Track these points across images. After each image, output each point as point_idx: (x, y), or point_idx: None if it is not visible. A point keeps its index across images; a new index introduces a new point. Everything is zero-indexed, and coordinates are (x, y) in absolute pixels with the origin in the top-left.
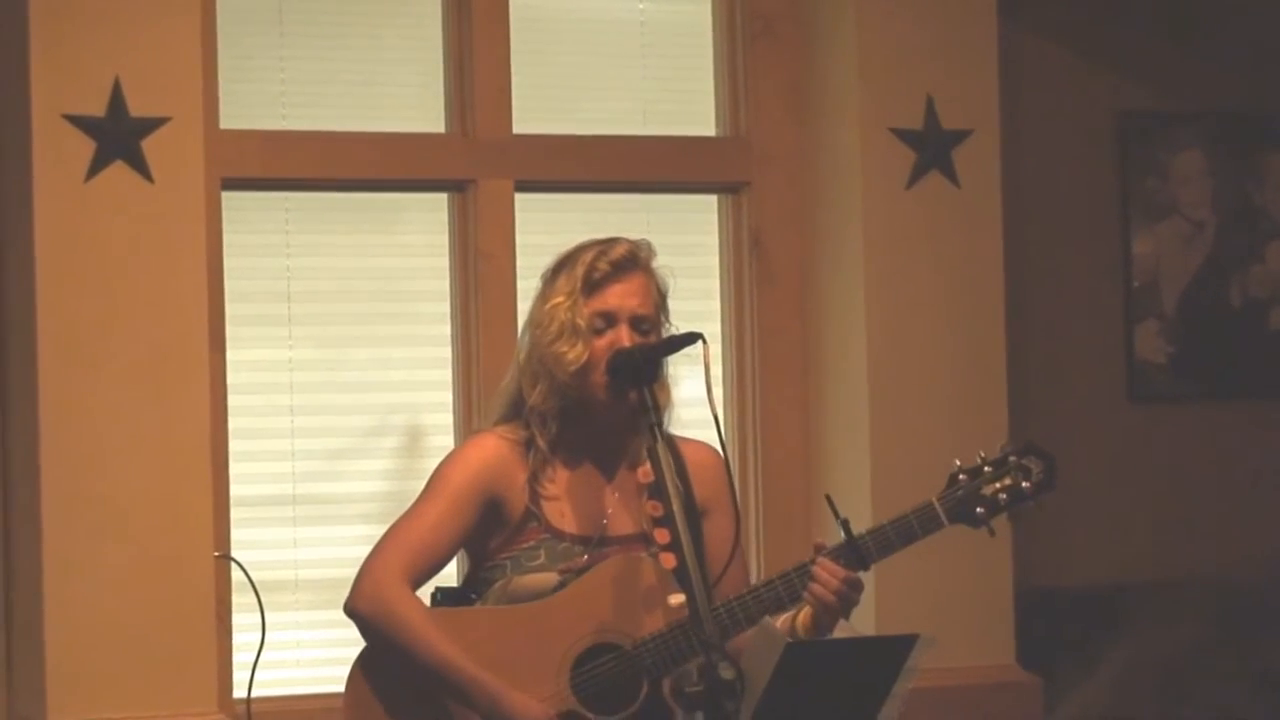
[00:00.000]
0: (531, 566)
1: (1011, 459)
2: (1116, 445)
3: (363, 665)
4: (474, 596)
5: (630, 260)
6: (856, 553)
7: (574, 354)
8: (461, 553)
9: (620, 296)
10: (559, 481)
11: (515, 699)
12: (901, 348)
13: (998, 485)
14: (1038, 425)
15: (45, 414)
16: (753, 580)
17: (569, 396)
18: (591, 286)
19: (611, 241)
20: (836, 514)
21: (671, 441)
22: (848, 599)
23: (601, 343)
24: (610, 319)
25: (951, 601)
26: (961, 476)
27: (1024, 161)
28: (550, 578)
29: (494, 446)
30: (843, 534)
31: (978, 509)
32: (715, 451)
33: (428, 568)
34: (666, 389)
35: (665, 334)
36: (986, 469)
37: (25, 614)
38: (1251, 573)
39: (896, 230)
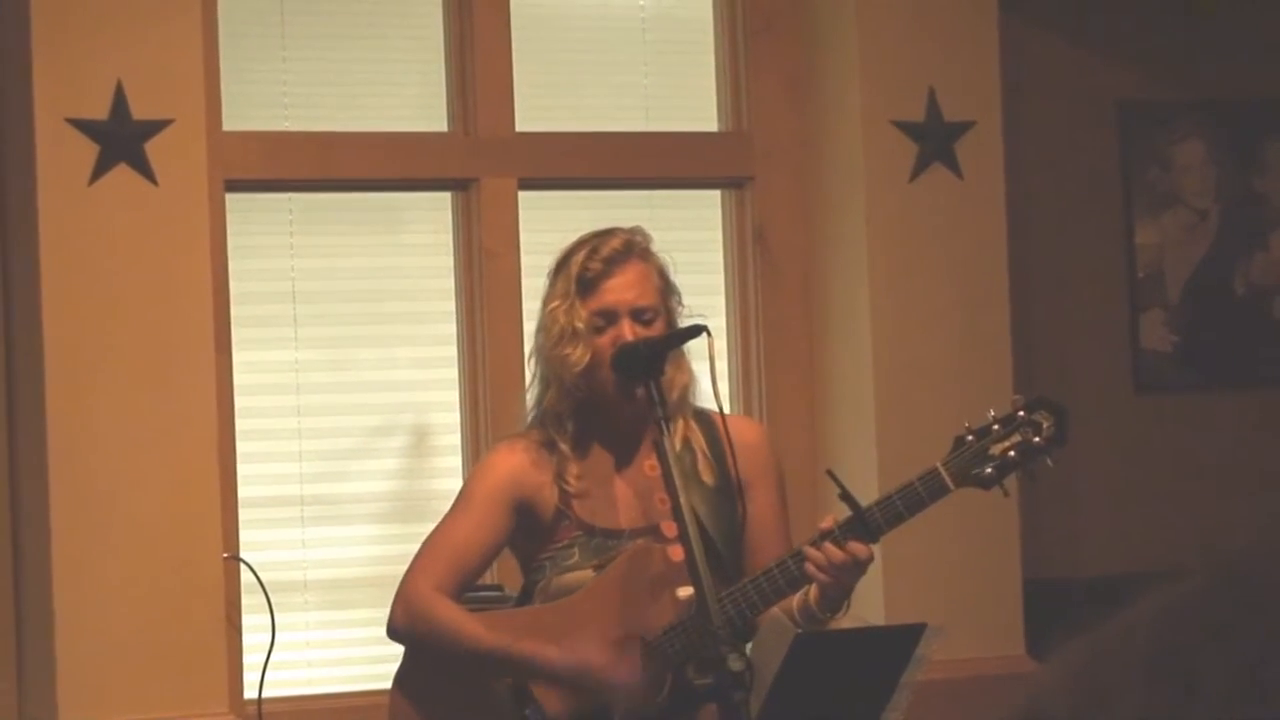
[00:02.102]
0: (568, 565)
1: (1020, 415)
2: (1123, 435)
3: (399, 684)
4: (527, 602)
5: (623, 252)
6: (864, 525)
7: (576, 356)
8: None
9: (616, 292)
10: (585, 478)
11: (550, 652)
12: (906, 340)
13: (1007, 443)
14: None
15: (52, 417)
16: None
17: (580, 396)
18: (586, 286)
19: (603, 235)
20: (840, 487)
21: (712, 419)
22: (844, 573)
23: (604, 340)
24: (610, 316)
25: (961, 592)
26: (969, 438)
27: (1026, 153)
28: (586, 575)
29: (517, 451)
30: (848, 508)
31: (987, 469)
32: (757, 426)
33: (460, 578)
34: (686, 371)
35: (677, 317)
36: (995, 428)
37: (35, 616)
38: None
39: (900, 223)
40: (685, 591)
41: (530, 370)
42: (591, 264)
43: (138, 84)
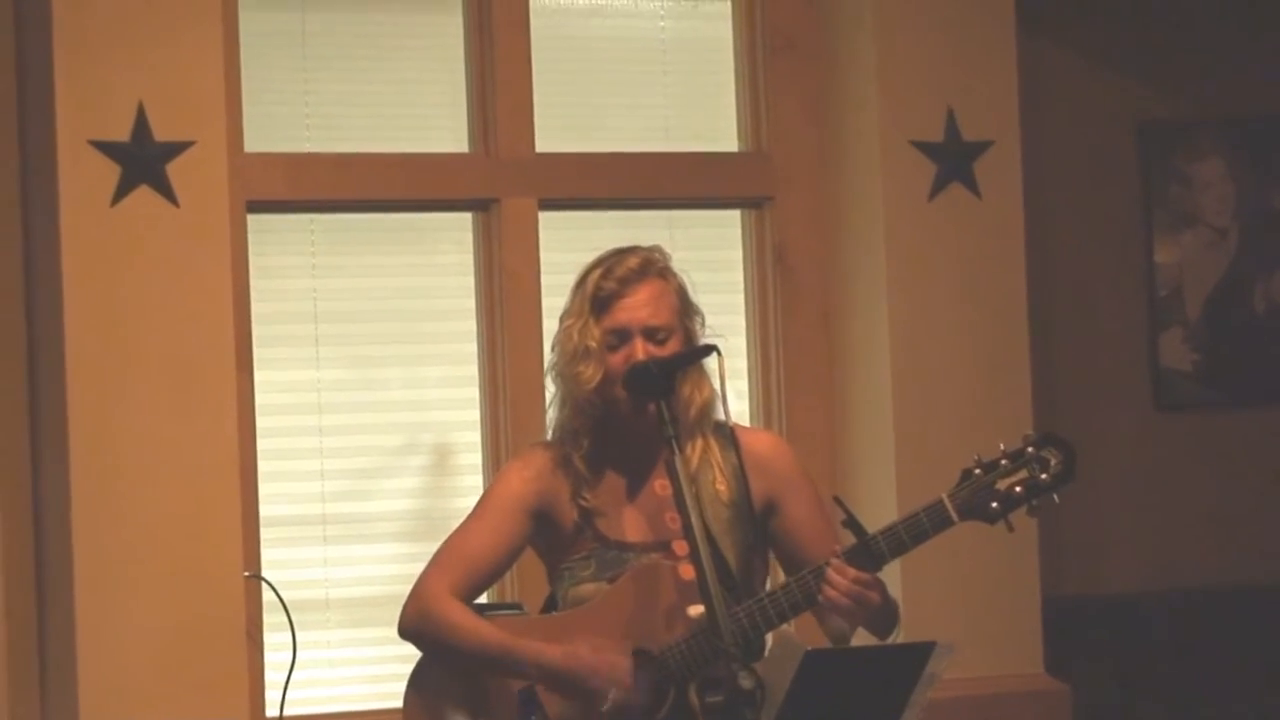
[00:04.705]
0: (584, 576)
1: (1029, 451)
2: (1143, 453)
3: (414, 683)
4: (552, 610)
5: (639, 271)
6: (869, 553)
7: (589, 374)
8: None
9: (629, 311)
10: (602, 492)
11: (549, 651)
12: (925, 359)
13: (1014, 479)
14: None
15: (74, 437)
16: None
17: (595, 413)
18: (600, 305)
19: (619, 255)
20: (847, 514)
21: (733, 435)
22: (860, 599)
23: (617, 359)
24: (623, 334)
25: (979, 610)
26: (977, 471)
27: (1045, 172)
28: (599, 587)
29: (537, 461)
30: (855, 536)
31: (992, 504)
32: (776, 439)
33: (473, 582)
34: (707, 389)
35: (697, 337)
36: (1003, 462)
37: (58, 636)
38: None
39: (919, 242)
40: (696, 610)
41: (549, 388)
42: (606, 283)
43: (159, 106)
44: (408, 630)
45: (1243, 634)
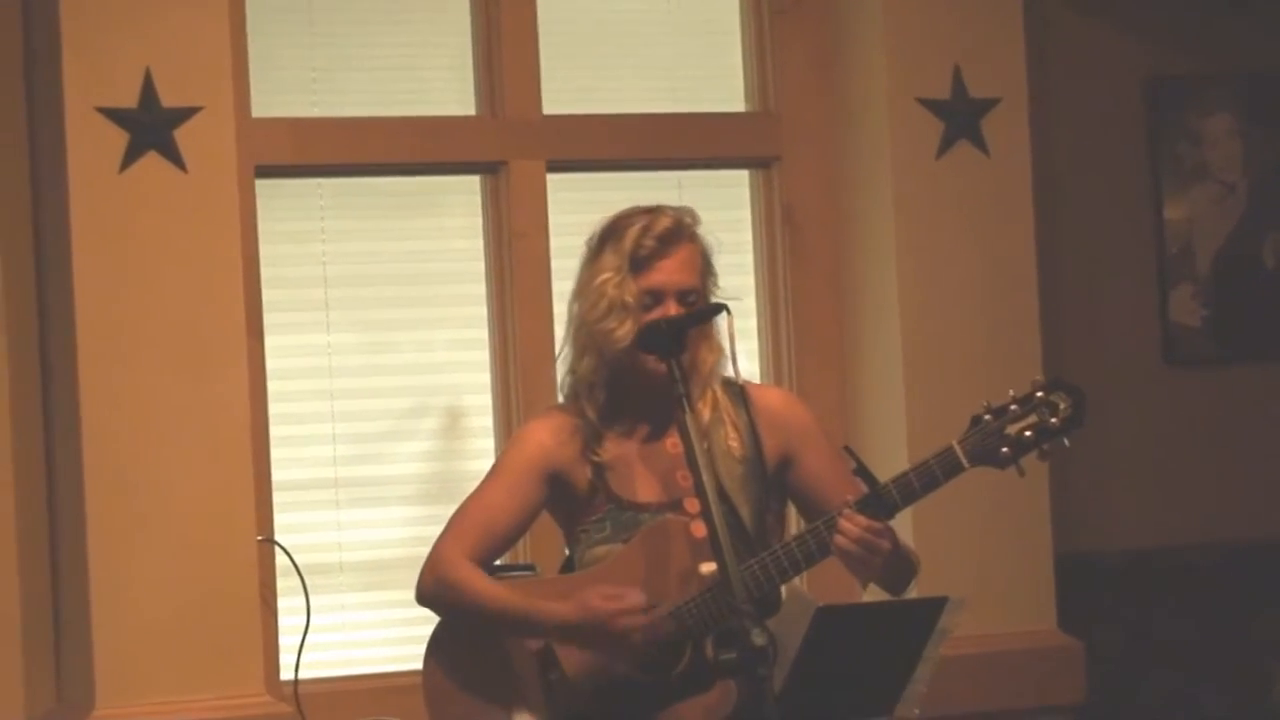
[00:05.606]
0: (599, 538)
1: (1038, 395)
2: (1153, 409)
3: (433, 648)
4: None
5: (676, 232)
6: (880, 501)
7: (622, 330)
8: None
9: (667, 273)
10: (616, 450)
11: (562, 607)
12: (935, 317)
13: (1024, 424)
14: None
15: (86, 404)
16: None
17: (618, 369)
18: (638, 263)
19: (656, 213)
20: (858, 463)
21: (743, 391)
22: (872, 546)
23: (649, 319)
24: (658, 295)
25: (991, 567)
26: (987, 417)
27: (1053, 129)
28: (615, 549)
29: (551, 424)
30: (865, 485)
31: (1002, 449)
32: (787, 394)
33: (489, 546)
34: (717, 348)
35: (712, 298)
36: (1013, 408)
37: (71, 600)
38: None
39: (927, 200)
40: (708, 567)
41: (564, 338)
42: (646, 240)
43: (166, 72)
44: (425, 597)
45: (1254, 590)
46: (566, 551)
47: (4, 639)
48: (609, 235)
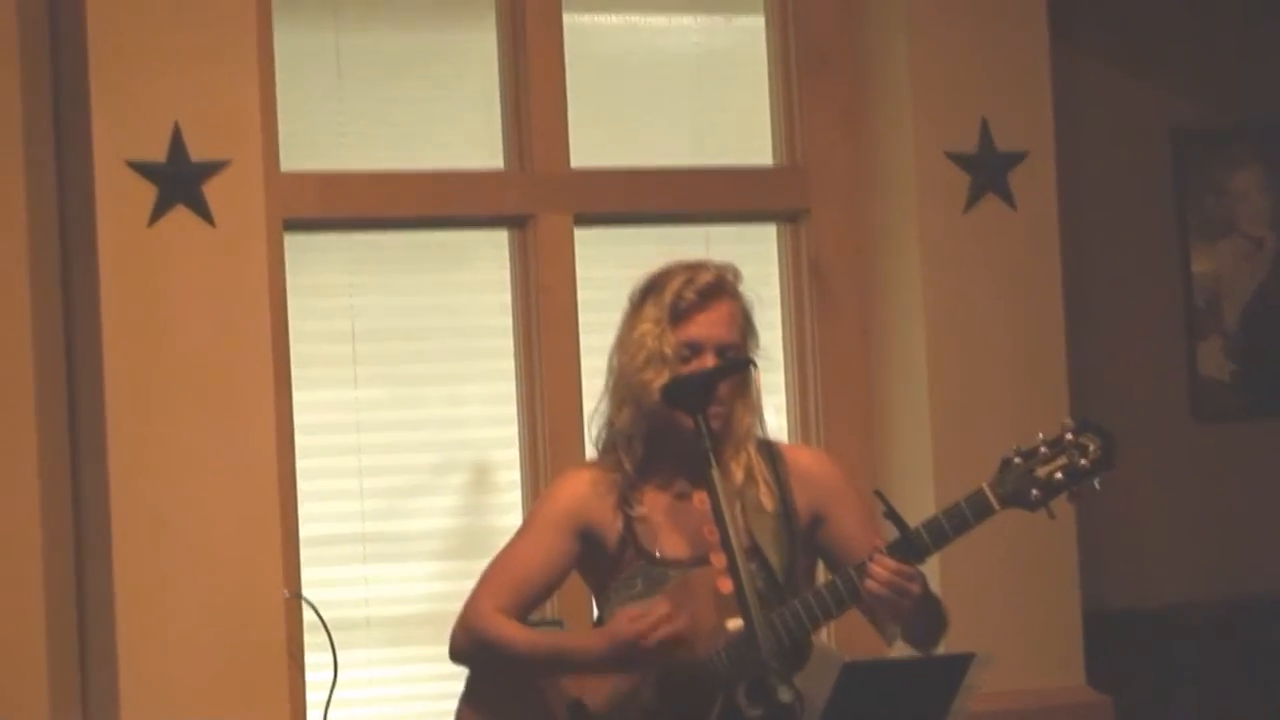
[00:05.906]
0: (631, 595)
1: (1068, 438)
2: (1182, 463)
3: (467, 697)
4: None
5: (717, 287)
6: (910, 544)
7: (660, 382)
8: None
9: (706, 326)
10: (650, 504)
11: (591, 640)
12: (962, 371)
13: (1053, 465)
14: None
15: (113, 456)
16: None
17: (654, 421)
18: (678, 315)
19: (699, 267)
20: (888, 507)
21: (777, 450)
22: (901, 590)
23: (687, 371)
24: (697, 348)
25: (1019, 622)
26: (1017, 460)
27: (1080, 182)
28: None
29: (584, 479)
30: (896, 529)
31: (1033, 491)
32: (819, 452)
33: (521, 601)
34: (753, 407)
35: (753, 356)
36: (1043, 450)
37: (99, 656)
38: None
39: (954, 254)
40: (735, 623)
41: (603, 390)
42: (687, 293)
43: (195, 125)
44: (459, 653)
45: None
46: (596, 613)
47: (33, 713)
48: (651, 288)
